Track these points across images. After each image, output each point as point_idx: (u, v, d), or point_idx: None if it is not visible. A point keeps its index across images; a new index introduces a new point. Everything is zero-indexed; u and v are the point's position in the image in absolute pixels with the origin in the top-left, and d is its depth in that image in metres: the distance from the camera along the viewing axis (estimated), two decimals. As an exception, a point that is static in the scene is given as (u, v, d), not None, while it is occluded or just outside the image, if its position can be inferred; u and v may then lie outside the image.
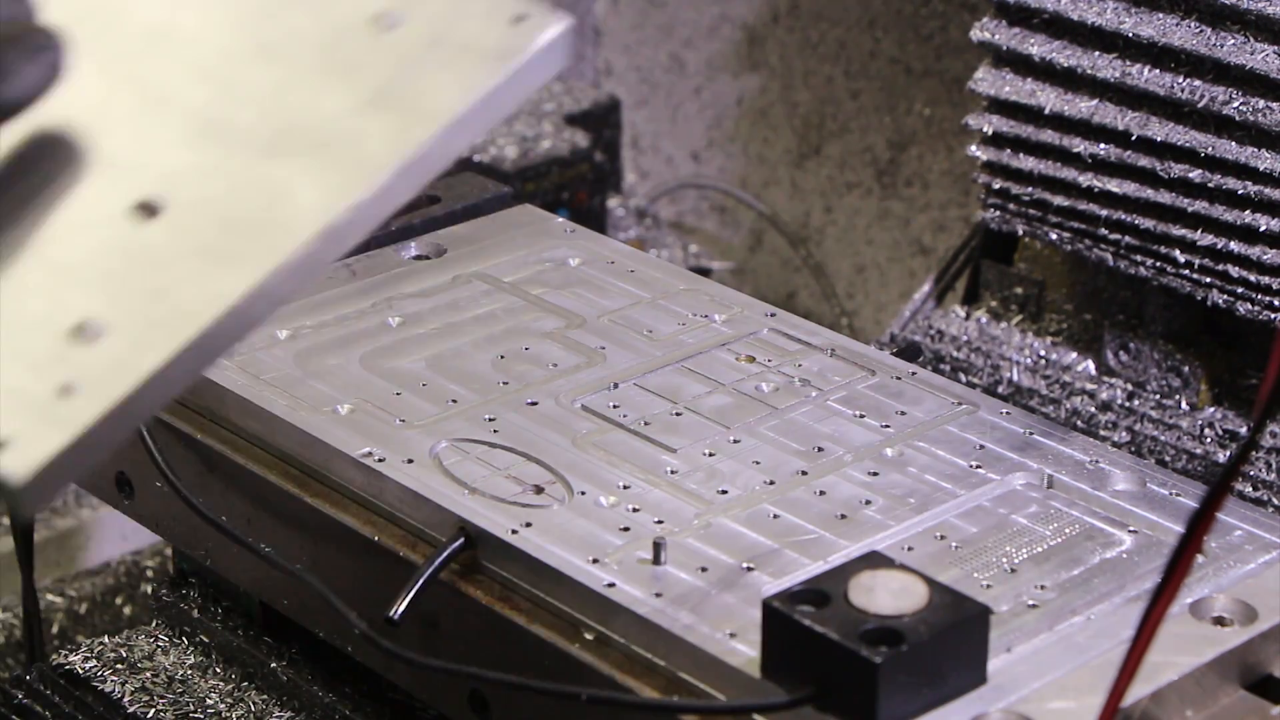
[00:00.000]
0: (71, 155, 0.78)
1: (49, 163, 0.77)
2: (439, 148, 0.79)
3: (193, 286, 0.75)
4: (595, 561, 1.07)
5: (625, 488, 1.13)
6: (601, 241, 1.43)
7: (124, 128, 0.80)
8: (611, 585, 1.05)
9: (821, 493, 1.14)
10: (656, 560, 1.07)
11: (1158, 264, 1.50)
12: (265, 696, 1.26)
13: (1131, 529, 1.12)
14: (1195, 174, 1.45)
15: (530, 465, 1.15)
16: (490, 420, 1.19)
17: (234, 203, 0.77)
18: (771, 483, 1.14)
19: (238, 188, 0.78)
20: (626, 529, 1.09)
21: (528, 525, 1.09)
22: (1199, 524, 0.84)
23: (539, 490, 1.13)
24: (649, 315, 1.32)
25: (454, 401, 1.21)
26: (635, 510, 1.11)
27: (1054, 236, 1.55)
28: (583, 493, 1.13)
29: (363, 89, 0.80)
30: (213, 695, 1.26)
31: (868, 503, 1.13)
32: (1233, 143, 1.43)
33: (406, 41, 0.81)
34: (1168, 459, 1.51)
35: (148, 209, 0.78)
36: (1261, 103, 1.40)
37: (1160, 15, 1.45)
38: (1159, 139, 1.46)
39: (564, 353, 1.27)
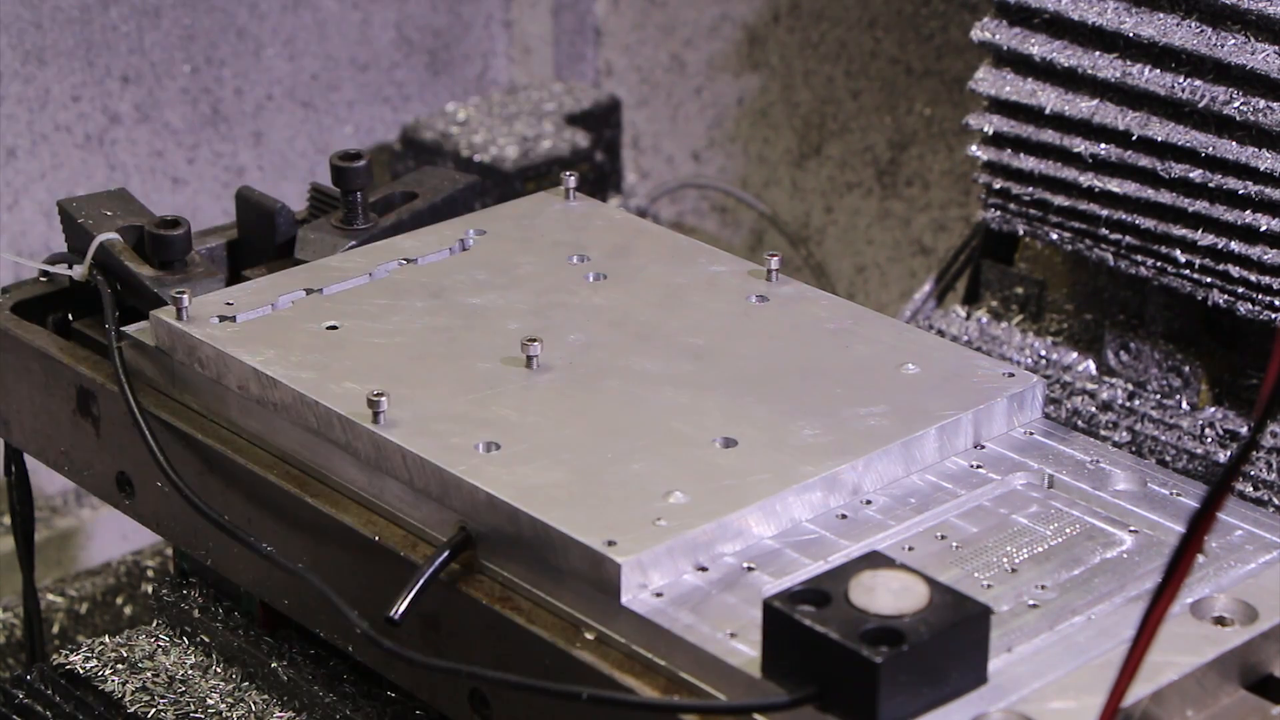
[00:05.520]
0: None
1: None
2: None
3: None
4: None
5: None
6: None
7: None
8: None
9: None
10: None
11: (1158, 264, 1.50)
12: (265, 696, 1.26)
13: (1132, 529, 1.12)
14: (1196, 174, 1.45)
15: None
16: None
17: None
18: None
19: None
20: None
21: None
22: (1199, 524, 0.84)
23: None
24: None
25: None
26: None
27: (1054, 236, 1.55)
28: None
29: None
30: (213, 695, 1.26)
31: (868, 503, 1.13)
32: (1233, 143, 1.42)
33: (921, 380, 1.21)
34: (1168, 459, 1.51)
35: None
36: (1262, 103, 1.40)
37: (1161, 15, 1.45)
38: (1159, 139, 1.46)
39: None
